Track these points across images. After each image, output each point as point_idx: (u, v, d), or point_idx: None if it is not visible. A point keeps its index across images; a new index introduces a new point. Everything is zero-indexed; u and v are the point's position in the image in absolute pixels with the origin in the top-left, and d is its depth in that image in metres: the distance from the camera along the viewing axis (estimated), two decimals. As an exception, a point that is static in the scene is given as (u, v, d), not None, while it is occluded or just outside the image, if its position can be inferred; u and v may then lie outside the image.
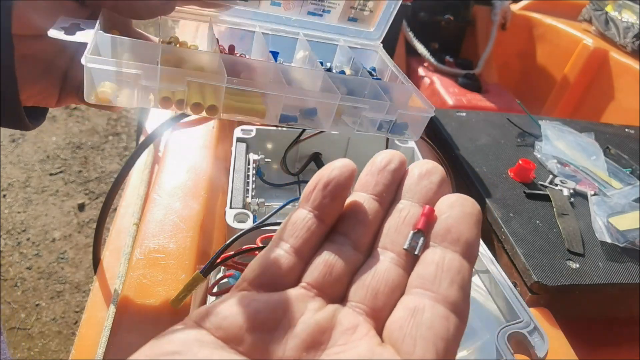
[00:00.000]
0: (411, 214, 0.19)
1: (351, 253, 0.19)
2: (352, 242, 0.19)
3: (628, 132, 0.73)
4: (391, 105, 0.31)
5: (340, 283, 0.18)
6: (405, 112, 0.32)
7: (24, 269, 1.26)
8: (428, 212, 0.19)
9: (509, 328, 0.31)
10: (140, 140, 0.54)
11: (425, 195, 0.20)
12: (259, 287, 0.18)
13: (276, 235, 0.19)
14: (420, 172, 0.21)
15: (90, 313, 0.42)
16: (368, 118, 0.32)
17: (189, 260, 0.38)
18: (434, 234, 0.18)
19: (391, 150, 0.22)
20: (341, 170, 0.19)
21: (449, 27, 1.25)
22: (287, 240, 0.19)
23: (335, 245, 0.19)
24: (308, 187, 0.20)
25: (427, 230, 0.19)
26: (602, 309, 0.48)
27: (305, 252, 0.19)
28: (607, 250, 0.47)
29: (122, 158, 1.69)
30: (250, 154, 0.47)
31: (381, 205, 0.20)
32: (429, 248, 0.18)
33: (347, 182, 0.19)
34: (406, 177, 0.21)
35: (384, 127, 0.32)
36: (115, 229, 0.50)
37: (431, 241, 0.18)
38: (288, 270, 0.18)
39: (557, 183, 0.55)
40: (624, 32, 1.01)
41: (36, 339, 1.11)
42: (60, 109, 1.87)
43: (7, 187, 1.50)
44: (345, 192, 0.19)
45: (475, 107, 1.05)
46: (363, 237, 0.19)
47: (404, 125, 0.33)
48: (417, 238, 0.18)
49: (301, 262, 0.19)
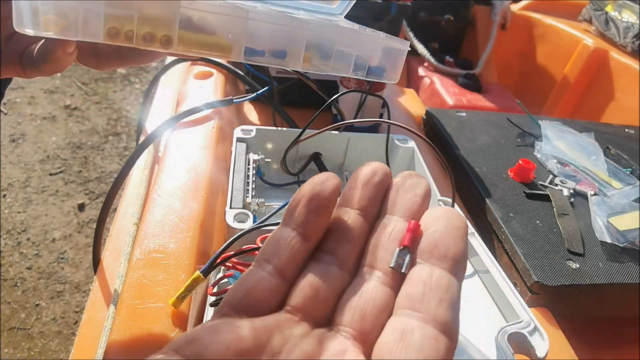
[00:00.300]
0: (397, 229, 0.19)
1: (337, 273, 0.18)
2: (338, 261, 0.19)
3: (628, 132, 0.73)
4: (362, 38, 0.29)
5: (327, 305, 0.18)
6: (378, 47, 0.30)
7: (24, 269, 1.26)
8: (414, 227, 0.18)
9: (509, 328, 0.31)
10: (140, 140, 0.54)
11: (410, 209, 0.20)
12: (242, 311, 0.17)
13: (259, 254, 0.19)
14: (404, 184, 0.20)
15: (90, 313, 0.42)
16: (341, 57, 0.29)
17: (189, 260, 0.38)
18: (420, 250, 0.18)
19: (375, 162, 0.21)
20: (325, 185, 0.19)
21: (449, 27, 1.25)
22: (270, 261, 0.18)
23: (321, 264, 0.19)
24: (291, 204, 0.19)
25: (413, 246, 0.18)
26: (602, 309, 0.48)
27: (289, 273, 0.18)
28: (607, 250, 0.47)
29: (122, 158, 1.69)
30: (250, 154, 0.47)
31: (366, 220, 0.20)
32: (416, 265, 0.18)
33: (331, 198, 0.19)
34: (391, 190, 0.20)
35: (359, 70, 0.30)
36: (115, 229, 0.50)
37: (418, 257, 0.18)
38: (272, 293, 0.18)
39: (557, 183, 0.55)
40: (624, 32, 1.01)
41: (36, 339, 1.11)
42: (60, 109, 1.88)
43: (7, 187, 1.50)
44: (330, 208, 0.19)
45: (475, 107, 1.05)
46: (349, 255, 0.19)
47: (380, 68, 0.31)
48: (403, 255, 0.18)
49: (285, 284, 0.18)
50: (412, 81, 1.22)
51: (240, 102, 0.59)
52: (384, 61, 0.31)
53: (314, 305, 0.17)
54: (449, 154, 0.61)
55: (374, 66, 0.31)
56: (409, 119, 0.71)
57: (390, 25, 0.62)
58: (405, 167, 0.53)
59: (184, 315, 0.34)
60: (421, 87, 1.16)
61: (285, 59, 0.29)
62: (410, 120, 0.71)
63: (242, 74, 0.65)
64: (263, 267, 0.18)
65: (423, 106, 0.74)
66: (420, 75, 1.18)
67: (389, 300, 0.18)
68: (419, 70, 1.20)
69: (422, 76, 1.18)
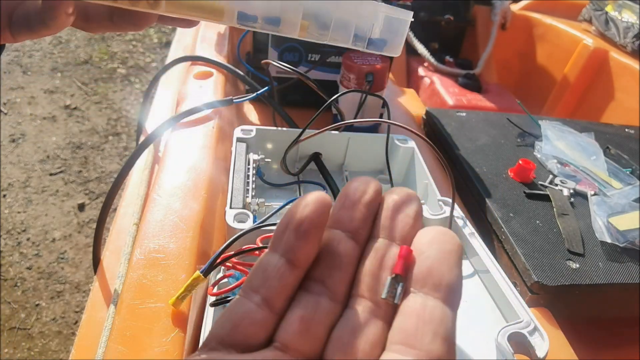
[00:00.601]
0: (388, 255, 0.18)
1: (328, 305, 0.18)
2: (328, 291, 0.18)
3: (628, 132, 0.73)
4: (362, 7, 0.28)
5: (317, 340, 0.17)
6: (379, 16, 0.29)
7: (24, 269, 1.26)
8: (405, 253, 0.18)
9: (509, 328, 0.31)
10: (140, 140, 0.54)
11: (402, 231, 0.19)
12: (229, 346, 0.17)
13: (246, 282, 0.18)
14: (395, 203, 0.19)
15: (90, 313, 0.42)
16: (341, 27, 0.28)
17: (189, 260, 0.38)
18: (413, 278, 0.17)
19: (364, 177, 0.20)
20: (314, 207, 0.18)
21: (449, 27, 1.25)
22: (257, 291, 0.17)
23: (311, 296, 0.18)
24: (279, 228, 0.18)
25: (405, 274, 0.17)
26: (602, 309, 0.48)
27: (278, 304, 0.17)
28: (607, 250, 0.47)
29: (122, 158, 1.69)
30: (250, 154, 0.47)
31: (357, 243, 0.19)
32: (409, 295, 0.17)
33: (321, 221, 0.18)
34: (382, 209, 0.19)
35: (359, 41, 0.29)
36: (115, 229, 0.50)
37: (411, 287, 0.17)
38: (260, 327, 0.17)
39: (557, 183, 0.55)
40: (624, 32, 1.01)
41: (36, 339, 1.11)
42: (60, 109, 1.88)
43: (7, 187, 1.50)
44: (319, 232, 0.18)
45: (475, 107, 1.05)
46: (340, 283, 0.18)
47: (382, 40, 0.30)
48: (395, 284, 0.17)
49: (274, 316, 0.17)
50: (412, 81, 1.22)
51: (240, 102, 0.59)
52: (386, 33, 0.30)
53: (304, 341, 0.17)
54: (449, 154, 0.61)
55: (375, 38, 0.30)
56: (409, 119, 0.71)
57: (390, 25, 0.62)
58: (405, 167, 0.54)
59: (184, 316, 0.34)
60: (421, 87, 1.16)
61: (280, 27, 0.27)
62: (410, 120, 0.71)
63: (242, 74, 0.65)
64: (251, 298, 0.17)
65: (423, 106, 0.74)
66: (420, 75, 1.18)
67: (381, 334, 0.17)
68: (419, 70, 1.20)
69: (422, 76, 1.18)
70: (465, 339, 0.33)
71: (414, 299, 0.17)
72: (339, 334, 0.17)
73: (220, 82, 0.65)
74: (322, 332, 0.17)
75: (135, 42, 2.47)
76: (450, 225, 0.40)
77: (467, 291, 0.37)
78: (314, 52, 0.63)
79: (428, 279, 0.17)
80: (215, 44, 0.75)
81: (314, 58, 0.63)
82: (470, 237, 0.40)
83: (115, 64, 2.25)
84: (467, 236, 0.40)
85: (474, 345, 0.33)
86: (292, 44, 0.62)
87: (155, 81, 0.75)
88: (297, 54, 0.63)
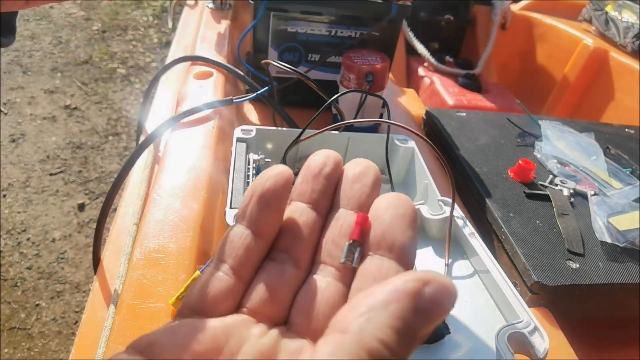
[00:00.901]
0: (347, 223, 0.19)
1: (292, 272, 0.19)
2: (292, 259, 0.19)
3: (628, 132, 0.73)
4: None
5: (283, 305, 0.18)
6: None
7: (24, 269, 1.26)
8: (361, 220, 0.19)
9: (509, 328, 0.31)
10: (140, 140, 0.54)
11: (359, 200, 0.20)
12: (200, 313, 0.17)
13: (215, 254, 0.19)
14: (353, 174, 0.20)
15: (90, 313, 0.42)
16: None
17: (189, 260, 0.38)
18: (370, 242, 0.18)
19: (325, 150, 0.21)
20: (275, 180, 0.19)
21: (449, 27, 1.26)
22: (225, 261, 0.18)
23: (276, 264, 0.19)
24: (243, 201, 0.19)
25: (362, 239, 0.18)
26: (602, 309, 0.48)
27: (245, 273, 0.18)
28: (607, 250, 0.47)
29: (122, 158, 1.69)
30: (250, 154, 0.47)
31: (319, 214, 0.20)
32: (366, 258, 0.18)
33: (283, 192, 0.19)
34: (342, 181, 0.20)
35: None
36: (115, 229, 0.50)
37: (368, 250, 0.18)
38: (228, 294, 0.18)
39: (557, 183, 0.55)
40: (624, 32, 1.01)
41: (36, 339, 1.11)
42: (60, 109, 1.88)
43: (7, 187, 1.50)
44: (282, 203, 0.19)
45: (475, 107, 1.05)
46: (303, 252, 0.19)
47: None
48: (353, 249, 0.18)
49: (242, 284, 0.18)
50: (412, 81, 1.22)
51: (240, 102, 0.59)
52: None
53: (270, 306, 0.18)
54: (449, 154, 0.61)
55: None
56: (409, 119, 0.71)
57: (390, 25, 0.62)
58: (405, 167, 0.54)
59: (184, 315, 0.34)
60: (421, 87, 1.16)
61: None
62: (410, 120, 0.71)
63: (242, 74, 0.65)
64: (220, 268, 0.18)
65: (423, 106, 0.74)
66: (420, 75, 1.18)
67: (341, 297, 0.18)
68: (419, 70, 1.20)
69: (422, 76, 1.18)
70: (465, 338, 0.33)
71: (370, 261, 0.18)
72: (301, 298, 0.18)
73: (220, 82, 0.65)
74: (287, 297, 0.18)
75: (135, 42, 2.47)
76: (450, 225, 0.40)
77: (467, 291, 0.37)
78: (314, 52, 0.63)
79: (382, 242, 0.18)
80: (215, 44, 0.75)
81: (314, 58, 0.63)
82: (470, 237, 0.40)
83: (115, 64, 2.25)
84: (467, 236, 0.40)
85: (474, 345, 0.33)
86: (292, 44, 0.62)
87: (155, 81, 0.75)
88: (297, 54, 0.63)
